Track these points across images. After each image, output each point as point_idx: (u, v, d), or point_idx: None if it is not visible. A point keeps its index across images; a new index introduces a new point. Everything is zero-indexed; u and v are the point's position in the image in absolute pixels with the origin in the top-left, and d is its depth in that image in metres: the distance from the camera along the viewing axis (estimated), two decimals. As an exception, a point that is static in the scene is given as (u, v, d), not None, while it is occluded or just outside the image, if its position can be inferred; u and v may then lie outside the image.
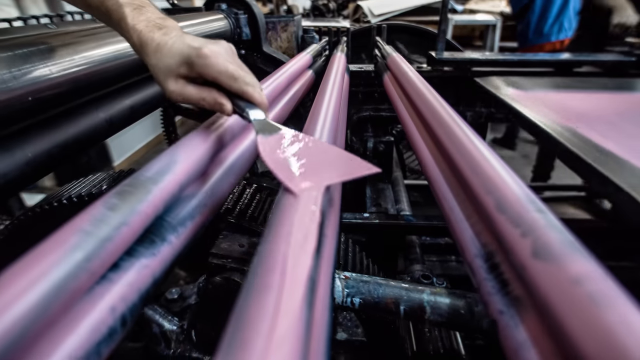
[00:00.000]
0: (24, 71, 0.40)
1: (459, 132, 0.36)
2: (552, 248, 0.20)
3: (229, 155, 0.42)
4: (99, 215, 0.24)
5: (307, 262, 0.20)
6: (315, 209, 0.25)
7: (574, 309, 0.17)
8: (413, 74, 0.65)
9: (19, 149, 0.41)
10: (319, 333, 0.19)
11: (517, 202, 0.24)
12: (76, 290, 0.22)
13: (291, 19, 1.37)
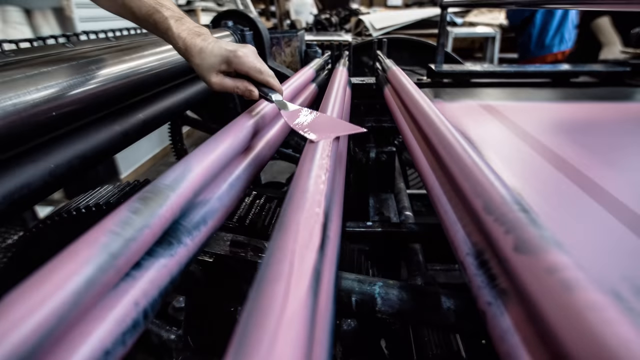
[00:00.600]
0: (49, 88, 0.43)
1: (452, 140, 0.39)
2: (531, 243, 0.22)
3: (237, 165, 0.45)
4: (125, 218, 0.27)
5: (312, 256, 0.22)
6: (319, 211, 0.27)
7: (548, 295, 0.20)
8: (411, 86, 0.68)
9: (42, 160, 0.45)
10: (323, 318, 0.21)
11: (502, 204, 0.26)
12: (105, 285, 0.25)
13: (294, 35, 1.42)
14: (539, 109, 0.82)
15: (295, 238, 0.23)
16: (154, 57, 0.67)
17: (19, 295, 0.21)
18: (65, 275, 0.23)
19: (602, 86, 1.16)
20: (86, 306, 0.24)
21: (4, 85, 0.39)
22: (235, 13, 1.12)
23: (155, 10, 0.54)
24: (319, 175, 0.33)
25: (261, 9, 7.46)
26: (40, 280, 0.23)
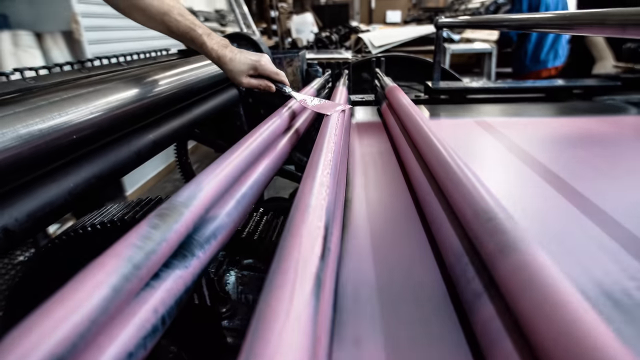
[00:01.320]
0: (71, 114, 0.47)
1: (445, 154, 0.42)
2: (509, 244, 0.25)
3: (244, 183, 0.48)
4: (145, 232, 0.30)
5: (315, 263, 0.25)
6: (320, 224, 0.30)
7: (519, 287, 0.22)
8: (406, 101, 0.72)
9: (64, 179, 0.48)
10: (324, 318, 0.24)
11: (489, 211, 0.29)
12: (129, 293, 0.28)
13: (296, 55, 1.47)
14: (530, 123, 0.85)
15: (299, 249, 0.26)
16: (163, 81, 0.71)
17: (56, 301, 0.24)
18: (95, 284, 0.26)
19: (594, 100, 1.20)
20: (113, 312, 0.27)
21: (31, 112, 0.43)
22: (240, 36, 1.18)
23: (190, 29, 0.69)
24: (320, 192, 0.36)
25: (263, 28, 7.63)
26: (73, 288, 0.26)
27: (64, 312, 0.24)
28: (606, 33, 0.55)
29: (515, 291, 0.23)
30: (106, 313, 0.26)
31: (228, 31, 5.42)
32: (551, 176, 0.57)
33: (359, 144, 0.76)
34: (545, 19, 0.74)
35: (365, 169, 0.63)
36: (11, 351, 0.20)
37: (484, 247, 0.28)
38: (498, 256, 0.26)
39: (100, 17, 2.61)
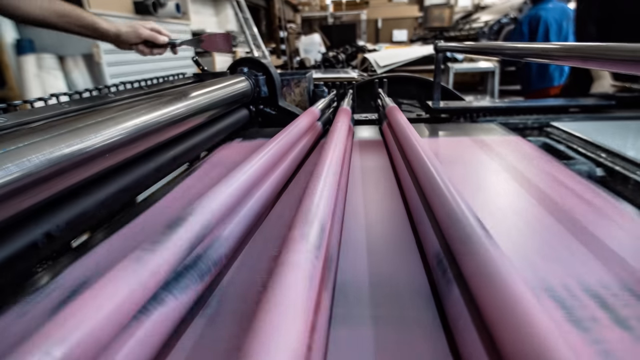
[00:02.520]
0: (105, 135, 0.54)
1: (432, 170, 0.48)
2: (472, 241, 0.31)
3: (248, 201, 0.54)
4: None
5: (315, 257, 0.31)
6: (320, 225, 0.36)
7: (476, 273, 0.28)
8: (403, 121, 0.78)
9: (96, 193, 0.54)
10: (324, 304, 0.29)
11: (460, 214, 0.35)
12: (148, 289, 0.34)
13: (303, 77, 1.55)
14: (521, 142, 0.90)
15: (302, 246, 0.32)
16: (181, 104, 0.78)
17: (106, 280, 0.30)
18: (128, 282, 0.32)
19: (589, 119, 1.25)
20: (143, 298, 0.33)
21: (72, 133, 0.50)
22: (249, 60, 1.26)
23: (85, 17, 1.01)
24: (322, 198, 0.41)
25: (272, 48, 7.85)
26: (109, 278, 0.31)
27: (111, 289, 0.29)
28: (611, 67, 0.50)
29: (475, 280, 0.28)
30: (143, 296, 0.32)
31: (238, 51, 5.61)
32: (530, 186, 0.62)
33: (360, 160, 0.82)
34: (543, 50, 0.71)
35: (364, 182, 0.68)
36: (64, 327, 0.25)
37: (455, 247, 0.33)
38: (465, 253, 0.31)
39: (119, 41, 2.75)
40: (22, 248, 0.43)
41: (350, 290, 0.39)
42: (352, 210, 0.58)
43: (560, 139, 1.00)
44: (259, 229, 0.55)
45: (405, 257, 0.44)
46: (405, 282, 0.39)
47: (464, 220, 0.34)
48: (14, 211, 0.42)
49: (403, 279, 0.40)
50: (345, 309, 0.37)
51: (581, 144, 0.90)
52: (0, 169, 0.39)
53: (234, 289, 0.42)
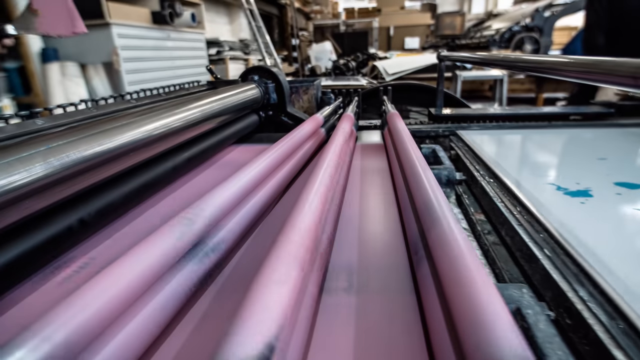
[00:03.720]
0: (128, 137, 0.61)
1: (417, 165, 0.54)
2: (439, 224, 0.36)
3: (245, 204, 0.60)
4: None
5: (315, 239, 0.37)
6: (319, 215, 0.42)
7: (438, 249, 0.33)
8: (400, 126, 0.84)
9: (121, 186, 0.62)
10: (317, 275, 0.35)
11: (432, 205, 0.41)
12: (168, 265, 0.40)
13: (311, 84, 1.63)
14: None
15: (302, 229, 0.38)
16: (196, 109, 0.85)
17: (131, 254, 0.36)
18: (149, 255, 0.38)
19: (589, 127, 1.28)
20: (157, 275, 0.39)
21: (102, 134, 0.57)
22: (260, 69, 1.34)
23: None
24: (318, 192, 0.47)
25: (284, 55, 8.00)
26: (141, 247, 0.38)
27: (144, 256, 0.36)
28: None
29: (437, 255, 0.34)
30: (156, 274, 0.38)
31: (251, 59, 5.74)
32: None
33: (360, 161, 0.89)
34: (546, 63, 0.69)
35: (362, 181, 0.74)
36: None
37: (426, 230, 0.39)
38: (432, 234, 0.37)
39: (137, 50, 2.88)
40: (61, 230, 0.50)
41: (341, 268, 0.45)
42: (348, 204, 0.64)
43: (454, 146, 1.04)
44: (263, 222, 0.61)
45: (392, 242, 0.50)
46: (389, 262, 0.45)
47: (436, 209, 0.40)
48: (54, 199, 0.49)
49: (388, 259, 0.46)
50: (336, 283, 0.43)
51: (466, 151, 0.94)
52: (46, 162, 0.47)
53: (237, 270, 0.49)
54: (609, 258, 0.43)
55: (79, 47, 2.68)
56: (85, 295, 0.30)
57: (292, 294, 0.31)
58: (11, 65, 2.64)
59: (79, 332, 0.28)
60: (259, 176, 0.61)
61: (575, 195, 0.63)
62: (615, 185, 0.66)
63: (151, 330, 0.35)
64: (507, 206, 0.59)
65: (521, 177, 0.72)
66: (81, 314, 0.29)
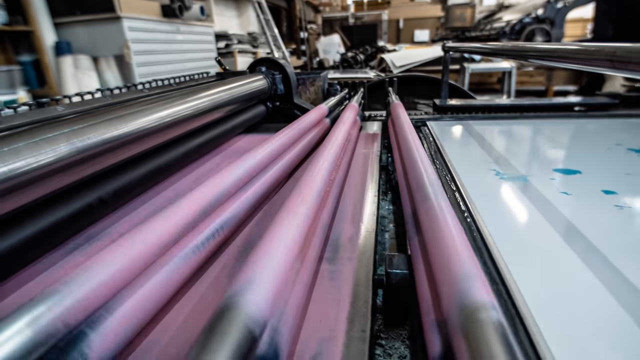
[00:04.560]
0: (143, 122, 0.65)
1: (414, 151, 0.57)
2: (429, 199, 0.39)
3: (250, 187, 0.64)
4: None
5: (313, 208, 0.40)
6: (320, 186, 0.46)
7: (425, 222, 0.37)
8: (402, 114, 0.87)
9: (137, 169, 0.66)
10: (318, 241, 0.39)
11: (424, 184, 0.44)
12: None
13: (318, 76, 1.65)
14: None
15: (305, 199, 0.41)
16: (205, 99, 0.89)
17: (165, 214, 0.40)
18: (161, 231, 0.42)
19: (593, 117, 1.29)
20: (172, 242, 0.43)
21: (118, 119, 0.62)
22: (267, 60, 1.37)
23: None
24: (321, 171, 0.51)
25: (293, 49, 8.00)
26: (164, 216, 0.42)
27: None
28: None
29: (424, 222, 0.37)
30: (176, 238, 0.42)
31: (259, 52, 5.76)
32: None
33: (364, 149, 0.92)
34: (551, 50, 0.70)
35: (364, 165, 0.78)
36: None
37: (417, 205, 0.42)
38: (422, 208, 0.40)
39: (147, 43, 2.93)
40: (82, 207, 0.55)
41: (341, 238, 0.49)
42: (350, 186, 0.67)
43: (422, 136, 1.09)
44: (267, 204, 0.65)
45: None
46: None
47: (427, 187, 0.43)
48: (77, 178, 0.54)
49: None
50: (334, 254, 0.46)
51: (429, 142, 1.00)
52: (69, 143, 0.51)
53: (243, 240, 0.52)
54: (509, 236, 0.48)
55: (91, 40, 2.73)
56: (102, 260, 0.34)
57: (293, 254, 0.34)
58: (26, 59, 2.71)
59: (97, 290, 0.32)
60: (264, 161, 0.64)
61: (510, 179, 0.67)
62: (553, 172, 0.70)
63: (162, 294, 0.39)
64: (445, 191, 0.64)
65: (469, 163, 0.76)
66: (97, 277, 0.32)
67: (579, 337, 0.34)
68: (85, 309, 0.30)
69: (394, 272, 0.43)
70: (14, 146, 0.46)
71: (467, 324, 0.23)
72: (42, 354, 0.27)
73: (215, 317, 0.25)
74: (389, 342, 0.45)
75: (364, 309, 0.39)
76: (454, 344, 0.24)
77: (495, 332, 0.22)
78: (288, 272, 0.33)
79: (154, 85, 1.04)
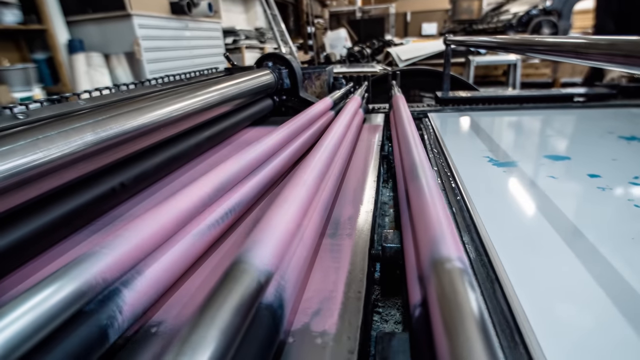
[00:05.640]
0: (158, 115, 0.70)
1: (410, 138, 0.62)
2: (418, 178, 0.44)
3: (257, 173, 0.69)
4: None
5: (315, 184, 0.45)
6: (320, 169, 0.51)
7: (413, 198, 0.41)
8: (402, 106, 0.91)
9: (154, 158, 0.72)
10: (320, 218, 0.44)
11: (415, 165, 0.49)
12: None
13: (323, 70, 1.70)
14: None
15: (306, 180, 0.47)
16: (214, 93, 0.94)
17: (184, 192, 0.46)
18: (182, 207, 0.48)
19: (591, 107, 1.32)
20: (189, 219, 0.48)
21: (139, 111, 0.67)
22: (274, 55, 1.41)
23: None
24: (321, 159, 0.56)
25: (300, 44, 8.03)
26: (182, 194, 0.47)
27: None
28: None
29: (412, 196, 0.42)
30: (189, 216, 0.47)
31: (267, 47, 5.80)
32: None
33: (367, 139, 0.96)
34: (553, 44, 0.69)
35: (367, 152, 0.82)
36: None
37: (407, 184, 0.47)
38: (412, 185, 0.45)
39: (157, 40, 3.00)
40: (106, 191, 0.60)
41: (341, 217, 0.54)
42: (353, 171, 0.72)
43: (422, 127, 1.15)
44: (276, 187, 0.70)
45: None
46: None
47: (417, 167, 0.48)
48: (101, 164, 0.59)
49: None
50: (335, 230, 0.51)
51: (429, 132, 1.05)
52: (94, 133, 0.56)
53: (253, 220, 0.58)
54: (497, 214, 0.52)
55: (102, 38, 2.81)
56: (134, 229, 0.39)
57: (295, 223, 0.39)
58: (40, 57, 2.79)
59: (129, 254, 0.37)
60: (272, 148, 0.69)
61: (501, 165, 0.71)
62: (543, 158, 0.74)
63: (182, 262, 0.45)
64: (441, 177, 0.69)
65: (465, 151, 0.81)
66: (129, 243, 0.38)
67: (547, 294, 0.39)
68: (120, 269, 0.36)
69: (388, 246, 0.48)
70: (48, 134, 0.52)
71: (437, 273, 0.28)
72: (85, 302, 0.33)
73: (228, 269, 0.30)
74: (386, 310, 0.50)
75: (360, 276, 0.44)
76: (428, 291, 0.29)
77: (459, 277, 0.27)
78: (291, 236, 0.38)
79: (167, 81, 1.10)
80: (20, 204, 0.48)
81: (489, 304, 0.40)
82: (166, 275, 0.40)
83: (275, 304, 0.32)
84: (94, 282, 0.33)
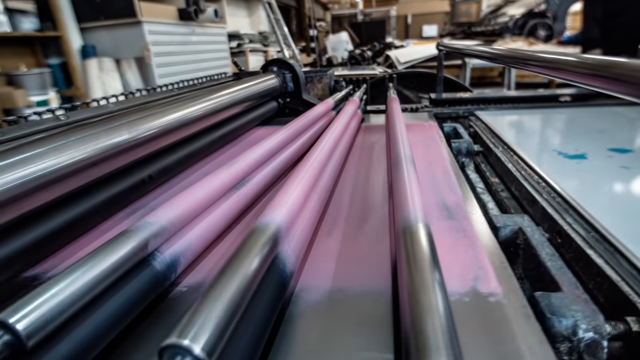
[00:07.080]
0: (180, 115, 0.81)
1: (399, 138, 0.71)
2: (401, 167, 0.54)
3: (263, 168, 0.79)
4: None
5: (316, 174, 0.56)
6: (320, 162, 0.61)
7: (395, 183, 0.51)
8: (395, 108, 1.01)
9: (174, 154, 0.82)
10: (320, 200, 0.54)
11: (400, 157, 0.59)
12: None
13: (324, 73, 1.80)
14: (432, 126, 1.11)
15: (308, 170, 0.57)
16: (223, 97, 1.05)
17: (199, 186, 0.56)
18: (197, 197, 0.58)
19: (576, 106, 1.41)
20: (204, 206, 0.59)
21: (153, 116, 0.77)
22: (278, 61, 1.52)
23: None
24: (321, 153, 0.66)
25: (302, 46, 8.14)
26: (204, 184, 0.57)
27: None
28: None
29: (395, 185, 0.52)
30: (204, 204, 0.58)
31: (270, 51, 5.91)
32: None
33: (363, 138, 1.06)
34: (547, 60, 0.64)
35: (362, 149, 0.92)
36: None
37: (392, 172, 0.57)
38: (394, 175, 0.55)
39: (165, 45, 3.11)
40: (136, 182, 0.71)
41: (336, 203, 0.64)
42: (350, 165, 0.82)
43: (472, 124, 1.24)
44: (278, 184, 0.80)
45: (377, 189, 0.68)
46: (373, 201, 0.64)
47: (401, 158, 0.58)
48: (131, 159, 0.70)
49: (371, 201, 0.64)
50: (334, 217, 0.61)
51: (482, 129, 1.13)
52: (130, 132, 0.67)
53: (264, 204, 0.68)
54: (589, 197, 0.62)
55: (114, 44, 2.93)
56: (175, 203, 0.50)
57: (302, 195, 0.50)
58: (55, 62, 2.92)
59: (173, 222, 0.48)
60: (278, 145, 0.80)
61: (572, 157, 0.81)
62: (608, 151, 0.83)
63: (212, 230, 0.55)
64: (517, 169, 0.78)
65: (528, 146, 0.91)
66: (172, 213, 0.48)
67: None
68: (167, 234, 0.46)
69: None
70: (91, 132, 0.62)
71: (404, 234, 0.38)
72: (143, 256, 0.43)
73: (249, 232, 0.40)
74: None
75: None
76: (398, 247, 0.39)
77: (415, 235, 0.37)
78: (297, 211, 0.48)
79: (182, 85, 1.20)
80: (75, 189, 0.58)
81: (618, 270, 0.47)
82: (202, 239, 0.51)
83: (287, 257, 0.42)
84: (147, 242, 0.43)
